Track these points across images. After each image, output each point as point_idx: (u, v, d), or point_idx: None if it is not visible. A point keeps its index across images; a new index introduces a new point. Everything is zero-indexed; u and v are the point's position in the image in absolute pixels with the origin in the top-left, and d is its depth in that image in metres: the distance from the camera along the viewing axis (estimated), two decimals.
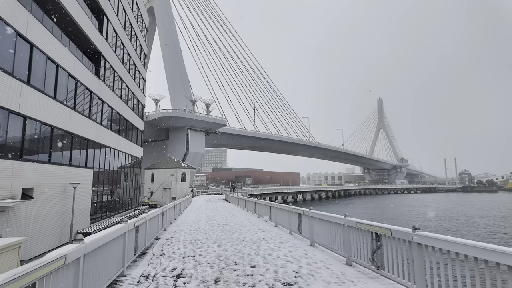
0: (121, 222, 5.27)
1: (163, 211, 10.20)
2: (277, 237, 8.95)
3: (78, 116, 16.97)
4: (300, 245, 7.73)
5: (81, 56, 17.85)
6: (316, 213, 7.42)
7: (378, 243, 4.92)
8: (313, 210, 7.80)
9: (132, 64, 29.13)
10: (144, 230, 6.98)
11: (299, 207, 9.25)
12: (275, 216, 11.89)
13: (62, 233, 15.23)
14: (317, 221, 7.46)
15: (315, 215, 7.52)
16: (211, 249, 7.36)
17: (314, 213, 7.58)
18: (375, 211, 48.22)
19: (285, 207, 10.30)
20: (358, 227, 5.47)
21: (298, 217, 8.88)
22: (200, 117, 55.68)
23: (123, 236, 5.15)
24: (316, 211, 7.56)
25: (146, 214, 7.13)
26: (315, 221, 7.57)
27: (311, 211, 7.78)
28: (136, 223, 5.96)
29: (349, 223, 5.80)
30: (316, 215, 7.44)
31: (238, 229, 10.87)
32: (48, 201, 13.84)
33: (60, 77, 14.94)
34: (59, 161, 15.03)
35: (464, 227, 30.82)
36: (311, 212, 7.73)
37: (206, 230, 10.57)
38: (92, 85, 19.02)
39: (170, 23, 62.80)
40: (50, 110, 13.81)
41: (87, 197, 18.60)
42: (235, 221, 13.31)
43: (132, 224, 5.63)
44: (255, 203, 16.53)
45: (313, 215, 7.66)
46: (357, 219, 5.59)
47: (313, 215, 7.66)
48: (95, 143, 19.72)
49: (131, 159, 29.36)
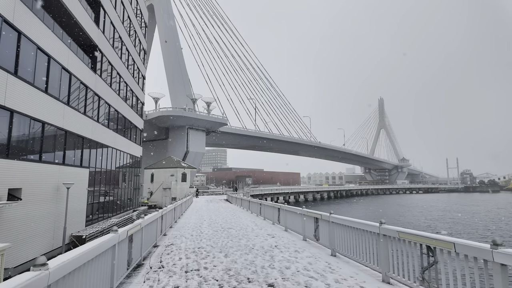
0: (111, 232, 4.27)
1: (162, 215, 9.20)
2: (291, 245, 7.95)
3: (73, 112, 15.97)
4: (319, 255, 6.73)
5: (75, 49, 16.85)
6: (339, 218, 6.42)
7: (432, 258, 3.92)
8: (334, 214, 6.80)
9: (131, 60, 28.13)
10: (139, 239, 5.98)
11: (313, 209, 8.27)
12: (284, 219, 10.89)
13: (54, 237, 14.23)
14: (340, 227, 6.47)
15: (337, 220, 6.52)
16: (217, 260, 6.35)
17: (336, 218, 6.58)
18: (387, 212, 46.72)
19: (297, 210, 9.30)
20: (400, 237, 4.47)
21: (315, 222, 7.88)
22: (200, 116, 54.68)
23: (112, 249, 4.15)
24: (338, 216, 6.56)
25: (142, 220, 6.14)
26: (337, 227, 6.57)
27: (331, 216, 6.78)
28: (129, 231, 4.96)
29: (386, 232, 4.80)
30: (339, 220, 6.44)
31: (245, 234, 9.87)
32: (38, 202, 12.84)
33: (53, 70, 13.93)
34: (51, 159, 14.02)
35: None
36: (332, 217, 6.73)
37: (210, 236, 9.57)
38: (88, 80, 18.01)
39: (170, 20, 61.79)
40: (40, 105, 12.81)
41: (82, 198, 17.59)
42: (240, 224, 12.31)
43: (124, 234, 4.63)
44: (261, 204, 15.52)
45: (334, 220, 6.66)
46: (398, 227, 4.60)
47: (334, 220, 6.66)
48: (91, 141, 18.72)
49: (129, 158, 28.36)
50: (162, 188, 41.18)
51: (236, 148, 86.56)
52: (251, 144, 77.23)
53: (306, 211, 8.38)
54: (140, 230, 5.92)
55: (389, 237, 4.79)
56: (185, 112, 51.89)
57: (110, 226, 19.74)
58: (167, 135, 57.54)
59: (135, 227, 5.42)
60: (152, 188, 42.11)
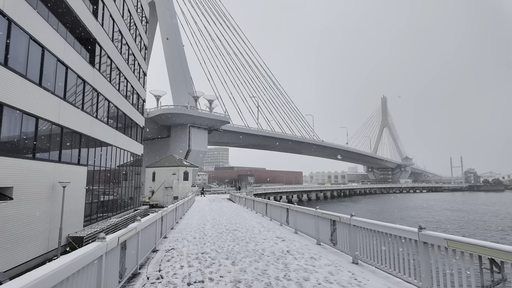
0: (96, 240, 3.50)
1: (162, 216, 8.43)
2: (304, 250, 7.15)
3: (69, 107, 15.23)
4: (339, 263, 5.93)
5: (72, 41, 16.10)
6: (364, 222, 5.61)
7: (498, 275, 3.12)
8: (356, 217, 6.00)
9: (131, 55, 27.38)
10: (135, 245, 5.21)
11: (329, 211, 7.48)
12: (294, 220, 10.09)
13: (50, 238, 13.52)
14: (363, 232, 5.66)
15: (361, 223, 5.72)
16: (224, 269, 5.57)
17: (359, 221, 5.77)
18: (403, 213, 45.37)
19: (309, 211, 8.49)
20: (449, 247, 3.66)
21: (331, 225, 7.08)
22: (202, 113, 53.92)
23: (98, 262, 3.37)
24: (362, 219, 5.76)
25: (138, 223, 5.36)
26: (361, 231, 5.77)
27: (353, 219, 5.98)
28: (121, 238, 4.18)
29: (428, 239, 4.00)
30: (363, 223, 5.63)
31: (252, 236, 9.09)
32: (32, 202, 12.11)
33: (47, 62, 13.18)
34: (46, 157, 13.30)
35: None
36: (355, 219, 5.92)
37: (214, 238, 8.79)
38: (86, 74, 17.27)
39: (171, 17, 61.03)
40: (34, 98, 12.07)
41: (80, 197, 16.88)
42: (245, 226, 11.53)
43: (113, 241, 3.86)
44: (267, 204, 14.73)
45: (357, 224, 5.85)
46: (446, 234, 3.79)
47: (357, 224, 5.85)
48: (90, 138, 17.99)
49: (130, 156, 27.65)
50: (164, 187, 40.51)
51: (238, 146, 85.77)
52: (254, 142, 76.43)
53: (321, 213, 7.58)
54: (135, 235, 5.14)
55: (432, 245, 3.99)
56: (187, 110, 51.16)
57: (109, 226, 19.03)
58: (168, 133, 56.86)
59: (129, 232, 4.65)
60: (153, 187, 41.46)
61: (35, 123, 12.29)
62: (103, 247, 3.43)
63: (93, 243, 3.42)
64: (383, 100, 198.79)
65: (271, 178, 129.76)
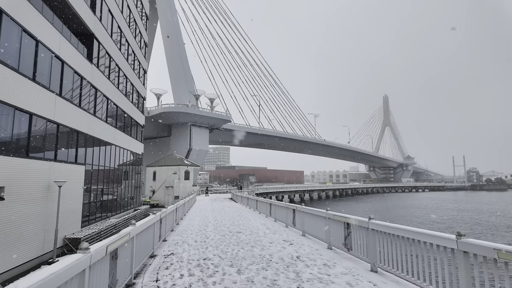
0: (78, 251, 2.91)
1: (161, 218, 7.84)
2: (316, 255, 6.56)
3: (65, 103, 14.67)
4: (357, 271, 5.34)
5: (69, 36, 15.53)
6: (384, 226, 5.01)
7: None
8: (375, 220, 5.40)
9: (131, 53, 26.82)
10: (128, 252, 4.62)
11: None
12: (301, 222, 9.50)
13: (45, 240, 12.97)
14: (384, 236, 5.06)
15: (381, 227, 5.11)
16: (228, 278, 4.98)
17: (379, 224, 5.17)
18: (408, 213, 44.50)
19: (319, 212, 7.89)
20: (500, 258, 3.06)
21: (345, 228, 6.48)
22: (204, 112, 53.34)
23: (80, 277, 2.79)
24: (381, 222, 5.16)
25: (133, 228, 4.78)
26: (380, 236, 5.17)
27: (372, 222, 5.38)
28: (110, 246, 3.59)
29: (470, 249, 3.40)
30: (383, 228, 5.03)
31: (257, 239, 8.50)
32: (26, 202, 11.57)
33: (41, 56, 12.62)
34: (40, 155, 12.74)
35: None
36: (374, 223, 5.32)
37: (217, 242, 8.21)
38: (83, 70, 16.71)
39: (172, 15, 60.42)
40: (27, 94, 11.51)
41: (77, 197, 16.35)
42: (249, 227, 10.95)
43: (101, 251, 3.27)
44: (271, 204, 14.14)
45: (376, 228, 5.25)
46: (496, 243, 3.19)
47: (376, 228, 5.25)
48: (88, 136, 17.44)
49: (130, 155, 27.11)
50: (165, 187, 39.98)
51: (239, 146, 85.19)
52: (255, 141, 75.85)
53: (333, 215, 6.98)
54: (129, 241, 4.56)
55: (475, 255, 3.39)
56: (188, 108, 50.59)
57: (108, 227, 18.49)
58: (169, 132, 56.32)
59: (121, 239, 4.06)
60: (154, 187, 40.91)
61: (28, 120, 11.73)
62: (86, 260, 2.84)
63: (74, 255, 2.84)
64: (384, 99, 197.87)
65: (272, 178, 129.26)
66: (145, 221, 5.95)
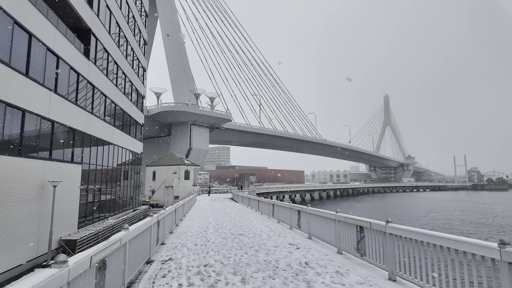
0: (52, 266, 2.41)
1: (159, 220, 7.34)
2: (326, 261, 6.05)
3: (61, 100, 14.16)
4: (373, 279, 4.84)
5: (65, 30, 15.01)
6: (404, 230, 4.50)
7: None
8: (393, 224, 4.90)
9: (129, 50, 26.31)
10: (120, 261, 4.12)
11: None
12: (307, 224, 8.99)
13: (39, 241, 12.48)
14: (404, 242, 4.56)
15: (400, 232, 4.61)
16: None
17: (397, 228, 4.67)
18: (405, 212, 43.76)
19: (327, 214, 7.38)
20: None
21: (358, 232, 5.98)
22: (204, 111, 52.84)
23: None
24: (401, 226, 4.66)
25: (126, 233, 4.28)
26: (400, 242, 4.66)
27: (389, 226, 4.87)
28: (96, 256, 3.09)
29: None
30: (403, 232, 4.52)
31: (261, 243, 8.00)
32: (18, 202, 11.07)
33: (35, 50, 12.12)
34: (34, 154, 12.24)
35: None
36: (392, 227, 4.81)
37: (218, 245, 7.71)
38: (80, 67, 16.21)
39: (172, 14, 59.93)
40: (19, 89, 11.01)
41: (74, 197, 15.85)
42: (252, 229, 10.45)
43: (83, 264, 2.77)
44: (274, 205, 13.63)
45: (394, 232, 4.75)
46: None
47: (394, 232, 4.75)
48: (85, 135, 16.94)
49: (129, 154, 26.61)
50: (165, 186, 39.50)
51: (240, 145, 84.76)
52: (256, 141, 75.34)
53: (343, 217, 6.48)
54: (120, 248, 4.05)
55: None
56: (188, 107, 50.08)
57: (106, 228, 17.99)
58: (169, 131, 55.84)
59: (110, 247, 3.55)
60: (154, 186, 40.44)
61: (21, 117, 11.24)
62: (61, 277, 2.34)
63: (48, 270, 2.34)
64: (385, 98, 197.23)
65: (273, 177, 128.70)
66: (141, 224, 5.45)
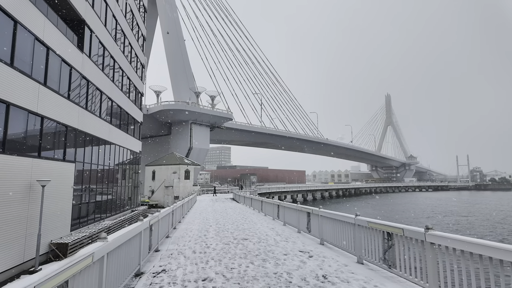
0: None
1: (151, 224, 6.41)
2: (347, 273, 5.12)
3: (51, 94, 13.25)
4: None
5: (56, 20, 14.11)
6: (455, 240, 3.58)
7: None
8: (435, 231, 3.98)
9: (127, 45, 25.40)
10: (92, 281, 3.19)
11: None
12: (318, 228, 8.06)
13: (27, 245, 11.58)
14: (457, 255, 3.64)
15: (447, 242, 3.69)
16: None
17: (443, 237, 3.74)
18: (415, 213, 42.70)
19: (344, 218, 6.46)
20: None
21: (385, 238, 5.05)
22: (204, 110, 51.92)
23: None
24: (449, 235, 3.73)
25: (103, 244, 3.35)
26: (448, 254, 3.74)
27: (431, 234, 3.94)
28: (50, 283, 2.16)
29: None
30: (454, 243, 3.60)
31: (268, 249, 7.07)
32: (1, 204, 10.17)
33: (21, 39, 11.22)
34: (20, 151, 11.33)
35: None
36: (433, 235, 3.88)
37: (219, 253, 6.78)
38: (73, 59, 15.31)
39: (172, 11, 59.04)
40: (2, 81, 10.11)
41: (66, 197, 14.94)
42: (257, 233, 9.52)
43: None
44: (279, 206, 12.70)
45: (438, 241, 3.82)
46: None
47: (438, 241, 3.82)
48: (78, 132, 16.04)
49: (127, 153, 25.72)
50: (164, 186, 38.62)
51: (240, 145, 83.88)
52: (257, 140, 74.38)
53: (366, 221, 5.54)
54: (93, 265, 3.13)
55: None
56: (188, 106, 49.16)
57: (101, 230, 17.09)
58: (169, 130, 54.96)
59: (75, 266, 2.63)
60: (153, 186, 39.56)
61: (5, 111, 10.33)
62: None
63: None
64: (387, 98, 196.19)
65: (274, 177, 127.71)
66: (127, 231, 4.53)
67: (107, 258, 3.55)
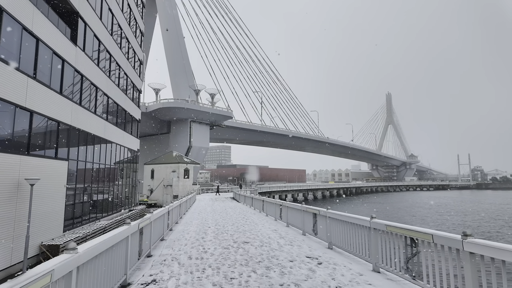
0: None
1: (141, 228, 5.74)
2: (363, 285, 4.46)
3: (41, 88, 12.58)
4: None
5: (46, 10, 13.41)
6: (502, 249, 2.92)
7: None
8: (475, 238, 3.31)
9: (124, 39, 24.70)
10: None
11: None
12: (326, 230, 7.39)
13: (14, 248, 10.95)
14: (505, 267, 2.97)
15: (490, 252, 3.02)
16: None
17: (486, 247, 3.07)
18: (422, 213, 41.90)
19: (357, 220, 5.79)
20: None
21: (408, 245, 4.38)
22: (204, 108, 51.22)
23: None
24: (494, 244, 3.07)
25: (69, 257, 2.68)
26: (493, 265, 3.07)
27: (470, 241, 3.28)
28: None
29: None
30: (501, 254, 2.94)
31: (272, 254, 6.41)
32: None
33: (6, 29, 10.54)
34: (7, 147, 10.68)
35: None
36: (474, 243, 3.22)
37: (218, 259, 6.12)
38: (65, 52, 14.62)
39: (172, 8, 58.25)
40: None
41: (59, 197, 14.28)
42: (258, 235, 8.86)
43: None
44: (281, 206, 12.04)
45: (478, 251, 3.16)
46: None
47: (478, 251, 3.16)
48: (71, 128, 15.37)
49: (125, 151, 25.05)
50: (163, 185, 37.96)
51: (240, 143, 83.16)
52: (257, 139, 73.69)
53: (384, 225, 4.87)
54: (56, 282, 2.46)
55: None
56: (188, 103, 48.47)
57: (96, 231, 16.45)
58: (168, 129, 54.29)
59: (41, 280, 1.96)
60: (152, 185, 38.91)
61: None
62: None
63: None
64: (387, 96, 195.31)
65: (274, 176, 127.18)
66: (109, 237, 3.87)
67: (78, 272, 2.88)
